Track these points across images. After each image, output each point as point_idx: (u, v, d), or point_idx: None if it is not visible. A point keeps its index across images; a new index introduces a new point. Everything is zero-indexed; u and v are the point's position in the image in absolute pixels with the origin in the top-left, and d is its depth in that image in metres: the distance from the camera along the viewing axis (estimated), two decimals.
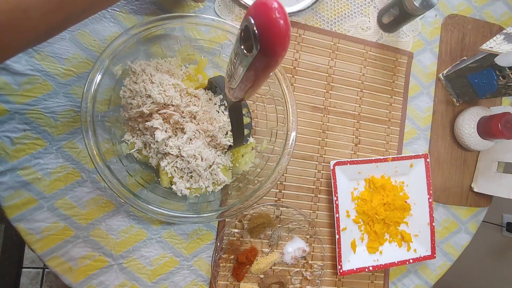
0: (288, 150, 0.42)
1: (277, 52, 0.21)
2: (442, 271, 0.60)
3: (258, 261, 0.49)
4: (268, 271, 0.50)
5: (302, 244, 0.52)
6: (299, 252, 0.51)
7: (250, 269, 0.49)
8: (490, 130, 0.55)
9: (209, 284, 0.49)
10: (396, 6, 0.52)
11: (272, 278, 0.50)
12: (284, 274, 0.51)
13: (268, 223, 0.50)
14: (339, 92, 0.56)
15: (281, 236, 0.51)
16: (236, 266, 0.49)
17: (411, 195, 0.56)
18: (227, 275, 0.49)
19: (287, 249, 0.51)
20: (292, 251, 0.51)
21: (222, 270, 0.49)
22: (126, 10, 0.48)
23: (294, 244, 0.52)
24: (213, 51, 0.48)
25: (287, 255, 0.51)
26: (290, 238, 0.52)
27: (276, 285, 0.50)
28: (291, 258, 0.51)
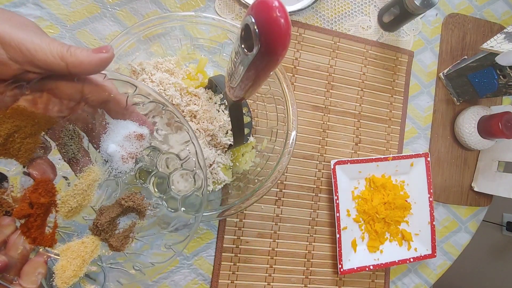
0: (289, 149, 0.42)
1: (278, 51, 0.21)
2: (442, 270, 0.60)
3: (63, 197, 0.28)
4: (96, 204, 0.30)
5: (130, 127, 0.30)
6: (132, 144, 0.30)
7: (57, 217, 0.29)
8: (491, 130, 0.55)
9: (210, 283, 0.49)
10: (396, 5, 0.52)
11: (112, 209, 0.30)
12: (131, 195, 0.31)
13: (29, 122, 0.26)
14: (339, 91, 0.56)
15: (78, 136, 0.29)
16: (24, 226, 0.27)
17: (412, 194, 0.56)
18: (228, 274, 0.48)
19: (107, 148, 0.29)
20: (119, 147, 0.29)
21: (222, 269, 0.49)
22: (126, 9, 0.48)
23: (117, 133, 0.29)
24: (214, 50, 0.48)
25: (115, 158, 0.29)
26: (102, 128, 0.29)
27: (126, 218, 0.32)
28: (125, 158, 0.29)
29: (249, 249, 0.51)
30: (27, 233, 0.27)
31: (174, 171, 0.33)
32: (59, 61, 0.24)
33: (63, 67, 0.24)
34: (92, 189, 0.30)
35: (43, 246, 0.28)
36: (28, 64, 0.24)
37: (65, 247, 0.29)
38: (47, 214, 0.28)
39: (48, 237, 0.28)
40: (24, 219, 0.27)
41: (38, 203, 0.27)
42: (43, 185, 0.27)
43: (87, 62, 0.25)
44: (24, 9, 0.43)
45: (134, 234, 0.32)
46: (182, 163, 0.33)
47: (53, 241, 0.28)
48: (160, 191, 0.33)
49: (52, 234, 0.28)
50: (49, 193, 0.28)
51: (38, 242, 0.28)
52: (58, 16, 0.45)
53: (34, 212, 0.27)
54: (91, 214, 0.31)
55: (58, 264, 0.28)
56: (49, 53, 0.24)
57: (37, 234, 0.28)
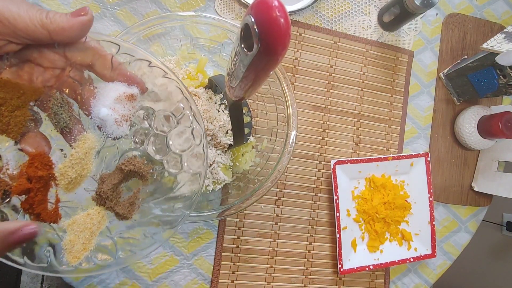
0: (289, 149, 0.42)
1: (278, 50, 0.21)
2: (442, 270, 0.60)
3: (61, 169, 0.27)
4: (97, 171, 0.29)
5: (119, 88, 0.28)
6: (124, 105, 0.28)
7: (58, 191, 0.28)
8: (491, 129, 0.55)
9: (210, 283, 0.49)
10: (396, 4, 0.52)
11: (113, 176, 0.29)
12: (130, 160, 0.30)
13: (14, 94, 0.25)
14: (339, 91, 0.56)
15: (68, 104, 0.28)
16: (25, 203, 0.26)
17: (412, 194, 0.56)
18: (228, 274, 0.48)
19: (99, 112, 0.28)
20: (111, 110, 0.28)
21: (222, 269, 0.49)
22: (126, 8, 0.47)
23: (106, 96, 0.28)
24: (214, 50, 0.48)
25: (108, 123, 0.28)
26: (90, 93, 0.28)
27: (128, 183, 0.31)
28: (119, 121, 0.28)
29: (249, 249, 0.51)
30: (29, 209, 0.26)
31: (170, 130, 0.32)
32: (41, 30, 0.23)
33: (45, 35, 0.24)
34: (90, 158, 0.29)
35: (47, 222, 0.27)
36: (9, 34, 0.23)
37: (71, 221, 0.28)
38: (47, 188, 0.27)
39: (52, 212, 0.27)
40: (24, 195, 0.26)
41: (36, 176, 0.26)
42: (38, 158, 0.27)
43: (68, 28, 0.24)
44: None
45: (140, 200, 0.31)
46: (177, 120, 0.32)
47: (57, 216, 0.28)
48: (160, 153, 0.32)
49: (55, 209, 0.28)
50: (45, 166, 0.27)
51: (42, 218, 0.27)
52: None
53: (33, 187, 0.26)
54: (93, 185, 0.30)
55: (65, 239, 0.27)
56: (29, 22, 0.23)
57: (40, 209, 0.26)
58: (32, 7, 0.23)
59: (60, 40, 0.24)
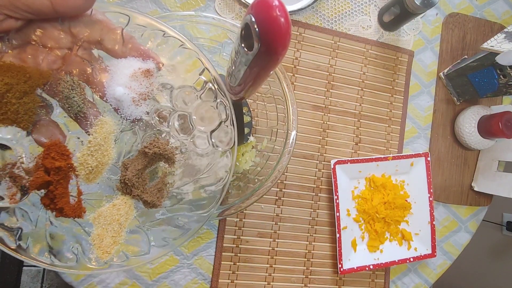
0: (289, 149, 0.42)
1: (278, 50, 0.21)
2: (442, 270, 0.60)
3: (79, 158, 0.25)
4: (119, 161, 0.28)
5: (133, 64, 0.26)
6: (141, 82, 0.26)
7: (79, 182, 0.26)
8: (491, 129, 0.55)
9: (210, 283, 0.49)
10: (397, 4, 0.52)
11: (137, 161, 0.27)
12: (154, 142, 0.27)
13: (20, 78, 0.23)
14: (339, 90, 0.56)
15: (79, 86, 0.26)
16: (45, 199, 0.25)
17: (412, 193, 0.56)
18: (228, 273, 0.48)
19: (114, 92, 0.26)
20: (127, 89, 0.26)
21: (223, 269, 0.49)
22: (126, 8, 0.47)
23: (121, 74, 0.26)
24: (214, 50, 0.48)
25: (126, 103, 0.26)
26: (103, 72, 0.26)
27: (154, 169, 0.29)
28: (137, 101, 0.26)
29: (249, 249, 0.51)
30: (51, 205, 0.24)
31: (193, 106, 0.29)
32: (43, 0, 0.21)
33: (47, 6, 0.21)
34: (109, 143, 0.26)
35: (71, 216, 0.25)
36: (6, 6, 0.20)
37: (96, 214, 0.26)
38: (67, 180, 0.25)
39: (75, 206, 0.25)
40: (44, 190, 0.24)
41: (54, 168, 0.23)
42: (54, 148, 0.24)
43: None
44: None
45: (168, 186, 0.28)
46: (200, 94, 0.29)
47: (81, 210, 0.25)
48: (184, 133, 0.29)
49: (78, 202, 0.25)
50: (63, 156, 0.24)
51: (65, 213, 0.24)
52: None
53: (53, 179, 0.23)
54: (116, 173, 0.27)
55: (93, 234, 0.25)
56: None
57: (62, 203, 0.24)
58: None
59: (64, 12, 0.22)
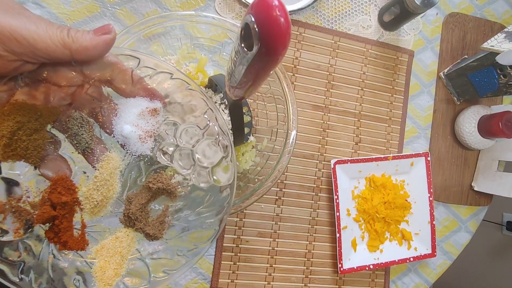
0: (289, 149, 0.42)
1: (278, 50, 0.21)
2: (442, 269, 0.60)
3: (85, 192, 0.26)
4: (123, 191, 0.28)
5: (141, 104, 0.27)
6: (148, 121, 0.27)
7: (83, 216, 0.26)
8: (491, 129, 0.55)
9: (210, 282, 0.49)
10: (397, 4, 0.52)
11: (141, 195, 0.28)
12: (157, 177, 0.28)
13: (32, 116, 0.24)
14: (339, 90, 0.56)
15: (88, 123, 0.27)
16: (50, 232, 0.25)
17: (412, 193, 0.56)
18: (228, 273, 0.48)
19: (122, 130, 0.27)
20: (134, 127, 0.27)
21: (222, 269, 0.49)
22: (126, 8, 0.47)
23: (128, 112, 0.27)
24: (214, 49, 0.48)
25: (132, 140, 0.27)
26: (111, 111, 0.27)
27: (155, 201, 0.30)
28: (143, 138, 0.27)
29: (249, 249, 0.51)
30: (55, 238, 0.25)
31: (196, 143, 0.31)
32: (62, 49, 0.22)
33: (67, 55, 0.22)
34: (115, 178, 0.27)
35: (74, 249, 0.25)
36: (27, 55, 0.21)
37: (99, 246, 0.26)
38: (72, 214, 0.26)
39: (79, 239, 0.26)
40: (49, 224, 0.25)
41: (60, 203, 0.24)
42: (61, 183, 0.25)
43: (92, 47, 0.23)
44: None
45: (170, 218, 0.29)
46: (203, 132, 0.31)
47: (85, 242, 0.26)
48: (187, 168, 0.31)
49: (82, 235, 0.26)
50: (69, 190, 0.25)
51: (69, 246, 0.25)
52: (58, 15, 0.45)
53: (58, 214, 0.24)
54: (120, 206, 0.28)
55: (95, 266, 0.26)
56: (50, 41, 0.21)
57: (66, 237, 0.25)
58: (51, 25, 0.22)
59: (81, 60, 0.23)
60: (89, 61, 0.24)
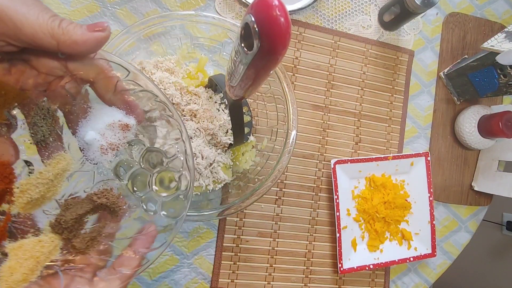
0: (289, 149, 0.42)
1: (278, 50, 0.21)
2: (442, 269, 0.60)
3: (22, 185, 0.24)
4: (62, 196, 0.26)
5: (115, 115, 0.26)
6: (115, 133, 0.26)
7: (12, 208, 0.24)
8: (491, 129, 0.55)
9: (210, 282, 0.49)
10: (397, 4, 0.52)
11: (81, 205, 0.26)
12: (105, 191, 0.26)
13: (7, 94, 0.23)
14: (339, 90, 0.56)
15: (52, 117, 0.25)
16: None
17: (412, 193, 0.56)
18: None
19: (85, 134, 0.25)
20: (99, 135, 0.25)
21: None
22: (126, 8, 0.47)
23: (99, 119, 0.26)
24: (214, 49, 0.48)
25: (93, 148, 0.26)
26: (82, 112, 0.26)
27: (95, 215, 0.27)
28: (105, 149, 0.26)
29: (249, 248, 0.51)
30: None
31: (158, 170, 0.29)
32: (50, 39, 0.20)
33: (53, 45, 0.21)
34: (60, 180, 0.25)
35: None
36: (10, 37, 0.20)
37: (17, 244, 0.23)
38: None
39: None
40: None
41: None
42: (0, 168, 0.22)
43: (81, 43, 0.21)
44: None
45: (103, 238, 0.26)
46: (168, 161, 0.29)
47: (3, 236, 0.23)
48: (138, 190, 0.29)
49: (3, 227, 0.23)
50: (5, 178, 0.22)
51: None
52: None
53: None
54: (55, 208, 0.25)
55: (5, 264, 0.22)
56: (38, 28, 0.20)
57: None
58: (44, 12, 0.21)
59: (67, 53, 0.22)
60: (76, 56, 0.23)
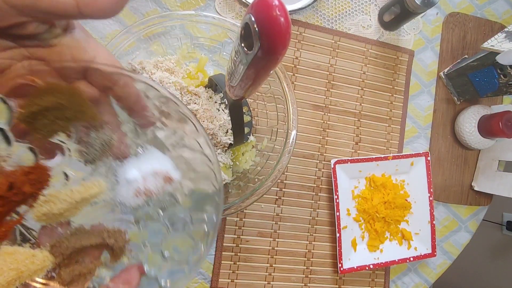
0: (289, 149, 0.42)
1: (278, 50, 0.21)
2: (442, 269, 0.60)
3: (50, 195, 0.22)
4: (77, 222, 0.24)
5: (164, 164, 0.25)
6: (155, 182, 0.25)
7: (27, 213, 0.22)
8: (491, 129, 0.55)
9: (210, 282, 0.49)
10: (397, 4, 0.52)
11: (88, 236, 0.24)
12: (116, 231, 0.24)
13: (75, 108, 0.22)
14: (340, 90, 0.56)
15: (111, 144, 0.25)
16: None
17: (412, 193, 0.56)
18: None
19: (130, 173, 0.25)
20: (141, 178, 0.24)
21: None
22: (126, 7, 0.47)
23: (148, 161, 0.25)
24: (214, 49, 0.48)
25: (127, 187, 0.24)
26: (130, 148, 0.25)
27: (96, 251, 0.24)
28: (140, 193, 0.24)
29: (249, 248, 0.51)
30: None
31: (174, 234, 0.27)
32: None
33: (72, 5, 0.19)
34: (85, 204, 0.23)
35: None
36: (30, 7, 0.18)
37: (11, 250, 0.21)
38: (19, 204, 0.21)
39: (2, 229, 0.21)
40: None
41: (19, 189, 0.21)
42: (39, 172, 0.21)
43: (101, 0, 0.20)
44: None
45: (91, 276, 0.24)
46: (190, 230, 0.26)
47: (5, 236, 0.21)
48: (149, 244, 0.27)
49: (8, 228, 0.21)
50: (38, 183, 0.21)
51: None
52: None
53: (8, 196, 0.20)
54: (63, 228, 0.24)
55: None
56: None
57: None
58: None
59: (90, 14, 0.20)
60: (99, 17, 0.21)
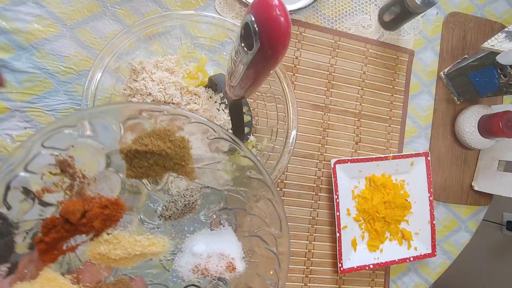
0: (289, 149, 0.42)
1: (278, 49, 0.21)
2: (442, 269, 0.60)
3: (113, 237, 0.22)
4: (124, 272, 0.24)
5: (235, 252, 0.24)
6: (218, 264, 0.24)
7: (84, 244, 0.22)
8: (491, 129, 0.55)
9: None
10: (397, 4, 0.52)
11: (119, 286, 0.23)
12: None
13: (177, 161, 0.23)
14: (340, 90, 0.56)
15: (193, 208, 0.25)
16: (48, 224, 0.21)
17: (412, 193, 0.56)
18: None
19: (198, 247, 0.24)
20: (206, 255, 0.24)
21: None
22: (126, 7, 0.47)
23: (218, 242, 0.25)
24: (214, 49, 0.48)
25: (188, 258, 0.24)
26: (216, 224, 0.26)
27: None
28: (198, 270, 0.23)
29: None
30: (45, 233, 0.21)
31: None
32: None
33: None
34: (142, 259, 0.23)
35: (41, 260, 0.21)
36: None
37: (52, 276, 0.21)
38: (78, 233, 0.22)
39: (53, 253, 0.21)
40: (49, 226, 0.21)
41: (90, 221, 0.21)
42: (115, 208, 0.22)
43: None
44: (24, 8, 0.43)
45: None
46: None
47: (52, 260, 0.21)
48: None
49: (60, 253, 0.22)
50: (108, 220, 0.22)
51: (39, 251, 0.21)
52: (58, 15, 0.45)
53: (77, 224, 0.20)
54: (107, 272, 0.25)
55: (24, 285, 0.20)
56: None
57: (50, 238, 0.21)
58: None
59: None
60: None
